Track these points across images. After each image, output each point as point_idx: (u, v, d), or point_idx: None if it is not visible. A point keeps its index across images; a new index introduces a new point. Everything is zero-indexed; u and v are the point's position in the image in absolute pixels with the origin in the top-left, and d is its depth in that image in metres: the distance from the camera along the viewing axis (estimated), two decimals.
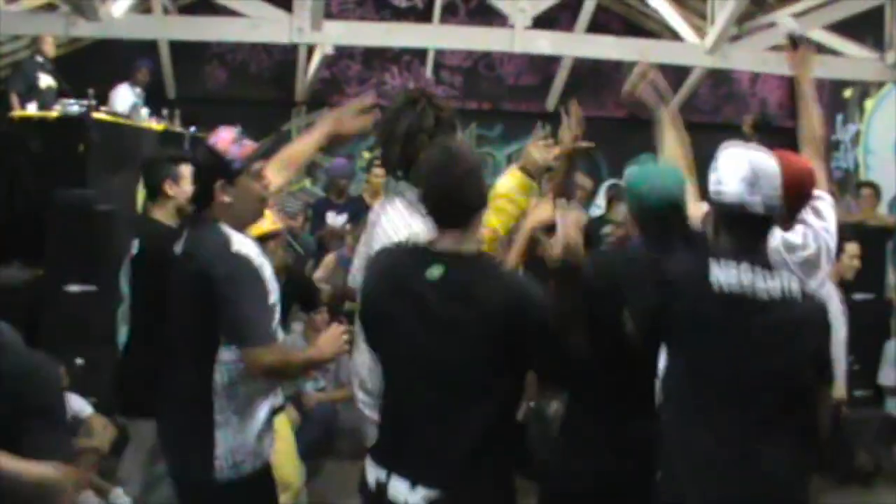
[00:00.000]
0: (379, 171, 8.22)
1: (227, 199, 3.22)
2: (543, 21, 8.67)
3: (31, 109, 7.95)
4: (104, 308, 6.75)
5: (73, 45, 10.73)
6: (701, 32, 9.09)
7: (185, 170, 4.54)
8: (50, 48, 9.20)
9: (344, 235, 7.72)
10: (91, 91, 7.81)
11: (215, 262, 3.13)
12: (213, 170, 3.24)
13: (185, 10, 11.14)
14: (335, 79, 12.37)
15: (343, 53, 11.13)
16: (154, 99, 9.88)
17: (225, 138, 3.27)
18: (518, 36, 8.44)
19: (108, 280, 6.85)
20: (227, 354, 3.16)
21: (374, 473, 2.79)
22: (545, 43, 8.80)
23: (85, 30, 8.28)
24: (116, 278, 7.30)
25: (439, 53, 12.12)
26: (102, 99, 8.45)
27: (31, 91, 8.76)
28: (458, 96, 12.35)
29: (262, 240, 4.01)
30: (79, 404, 6.12)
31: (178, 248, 3.34)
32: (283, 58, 11.92)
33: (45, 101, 8.32)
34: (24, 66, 9.36)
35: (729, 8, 8.29)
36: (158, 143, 8.37)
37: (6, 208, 6.97)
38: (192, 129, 9.39)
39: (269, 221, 4.44)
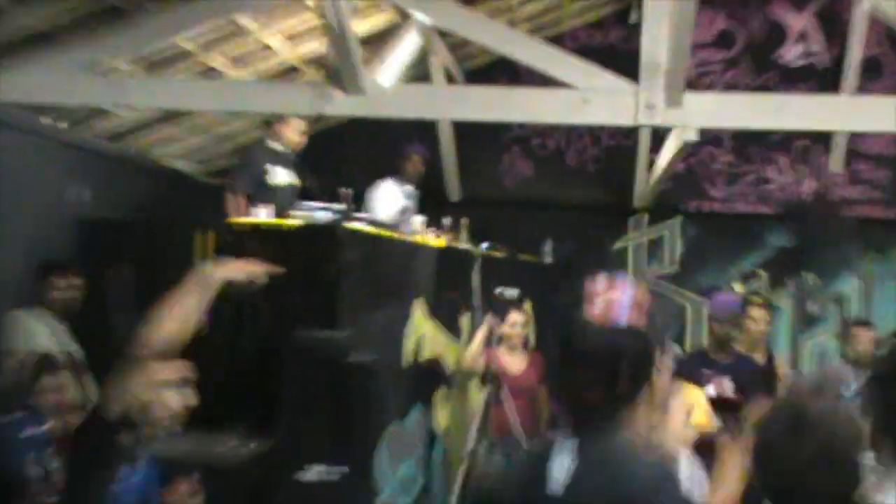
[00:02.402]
0: (761, 312, 8.01)
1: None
2: None
3: (262, 216, 7.98)
4: (354, 501, 6.97)
5: (319, 124, 11.07)
6: None
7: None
8: (290, 131, 9.39)
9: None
10: (345, 191, 8.08)
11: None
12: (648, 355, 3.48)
13: (475, 76, 11.59)
14: (692, 175, 12.49)
15: (705, 138, 11.06)
16: (432, 202, 10.28)
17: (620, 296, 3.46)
18: None
19: (361, 463, 7.08)
20: None
21: None
22: None
23: (341, 107, 8.27)
24: (370, 461, 7.55)
25: (853, 136, 11.93)
26: (360, 201, 8.78)
27: (258, 190, 8.95)
28: (882, 200, 12.18)
29: None
30: None
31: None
32: (617, 144, 12.12)
33: (280, 203, 8.40)
34: (250, 157, 9.48)
35: None
36: (438, 263, 8.58)
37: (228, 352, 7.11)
38: (485, 245, 9.59)
39: None
